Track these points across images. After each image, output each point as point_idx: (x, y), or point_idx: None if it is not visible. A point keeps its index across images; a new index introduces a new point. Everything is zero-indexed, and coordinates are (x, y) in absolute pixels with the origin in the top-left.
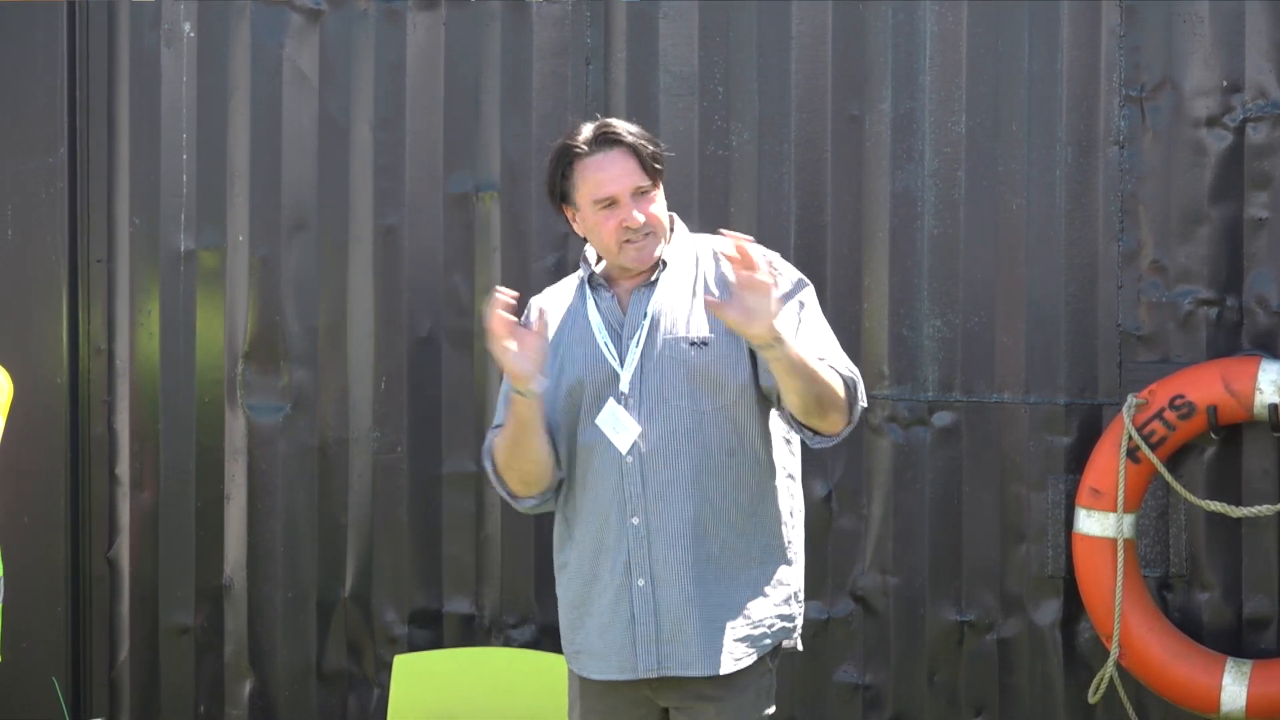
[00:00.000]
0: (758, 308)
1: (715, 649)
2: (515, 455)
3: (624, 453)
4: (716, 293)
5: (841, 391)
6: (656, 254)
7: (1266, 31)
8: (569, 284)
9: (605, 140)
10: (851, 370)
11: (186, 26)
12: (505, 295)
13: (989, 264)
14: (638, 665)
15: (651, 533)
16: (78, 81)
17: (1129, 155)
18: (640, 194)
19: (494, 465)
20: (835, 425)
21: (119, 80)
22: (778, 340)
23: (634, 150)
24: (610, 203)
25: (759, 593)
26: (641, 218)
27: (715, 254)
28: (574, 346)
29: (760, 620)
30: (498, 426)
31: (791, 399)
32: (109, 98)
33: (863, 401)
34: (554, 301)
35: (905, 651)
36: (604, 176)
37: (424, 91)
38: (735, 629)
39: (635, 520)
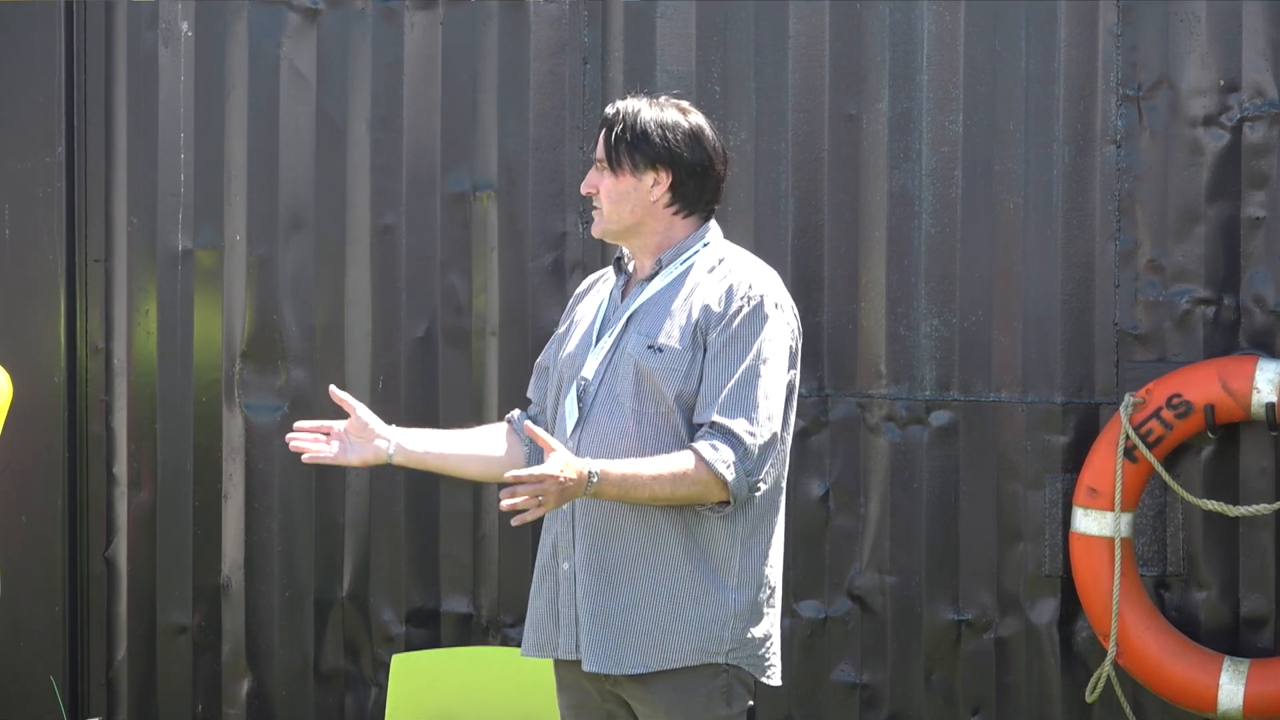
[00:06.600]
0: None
1: (614, 647)
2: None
3: (567, 434)
4: (696, 313)
5: (696, 484)
6: (597, 230)
7: (1263, 31)
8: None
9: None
10: (751, 455)
11: (184, 26)
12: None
13: (986, 263)
14: (559, 646)
15: (576, 519)
16: (75, 81)
17: (1126, 154)
18: (599, 168)
19: None
20: (709, 501)
21: (117, 80)
22: (585, 494)
23: (605, 125)
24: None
25: (678, 607)
26: (588, 187)
27: (717, 267)
28: (580, 323)
29: (673, 633)
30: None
31: None
32: (107, 97)
33: (757, 476)
34: (597, 279)
35: (902, 651)
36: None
37: (421, 91)
38: (639, 635)
39: (564, 505)
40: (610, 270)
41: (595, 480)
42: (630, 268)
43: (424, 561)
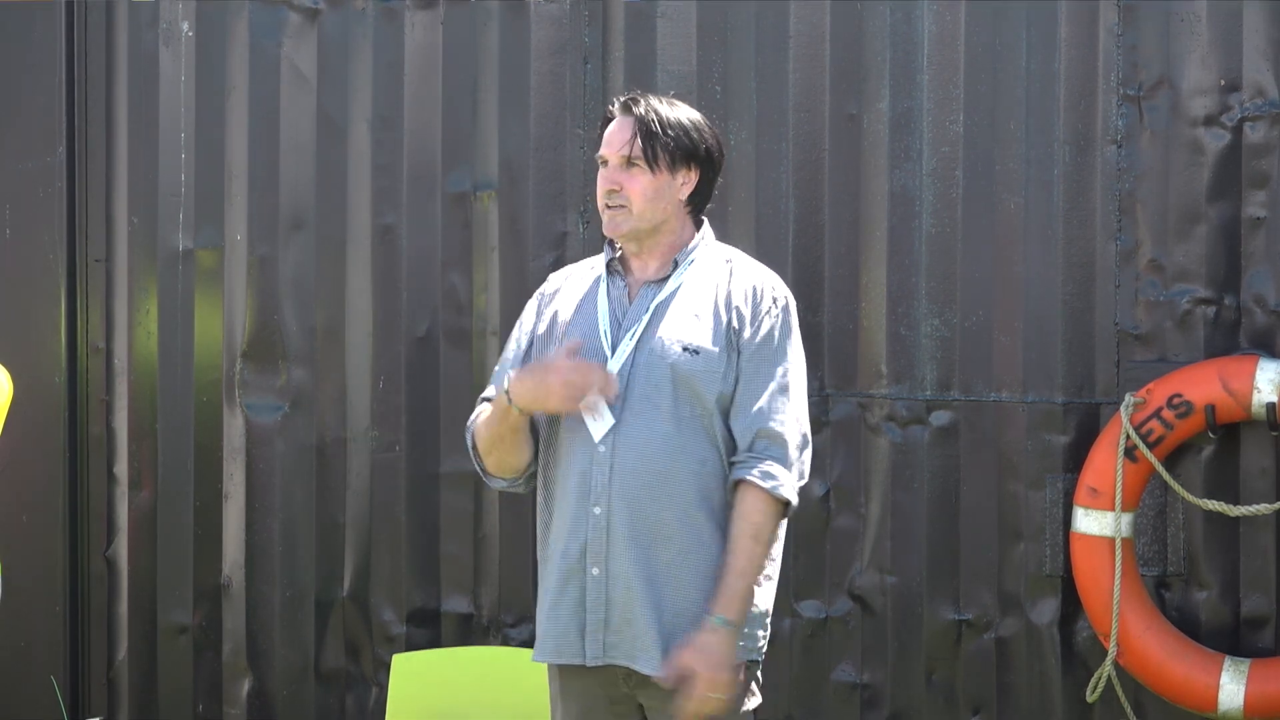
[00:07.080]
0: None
1: (660, 649)
2: (498, 449)
3: (597, 440)
4: (726, 315)
5: (772, 522)
6: (625, 229)
7: (1264, 31)
8: (590, 264)
9: (625, 106)
10: (794, 460)
11: (185, 26)
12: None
13: (987, 263)
14: (585, 652)
15: (611, 525)
16: (76, 81)
17: (1126, 154)
18: (627, 164)
19: (474, 442)
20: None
21: (117, 80)
22: (736, 635)
23: (640, 123)
24: (604, 163)
25: None
26: (611, 185)
27: (731, 267)
28: (576, 327)
29: None
30: (486, 400)
31: None
32: (107, 97)
33: (803, 480)
34: (569, 279)
35: (903, 650)
36: (605, 137)
37: (422, 90)
38: (682, 636)
39: (597, 510)
40: (581, 269)
41: (725, 623)
42: (622, 267)
43: (425, 561)
